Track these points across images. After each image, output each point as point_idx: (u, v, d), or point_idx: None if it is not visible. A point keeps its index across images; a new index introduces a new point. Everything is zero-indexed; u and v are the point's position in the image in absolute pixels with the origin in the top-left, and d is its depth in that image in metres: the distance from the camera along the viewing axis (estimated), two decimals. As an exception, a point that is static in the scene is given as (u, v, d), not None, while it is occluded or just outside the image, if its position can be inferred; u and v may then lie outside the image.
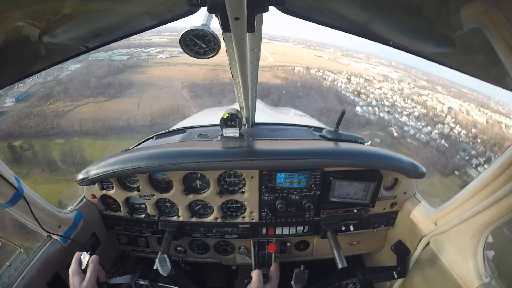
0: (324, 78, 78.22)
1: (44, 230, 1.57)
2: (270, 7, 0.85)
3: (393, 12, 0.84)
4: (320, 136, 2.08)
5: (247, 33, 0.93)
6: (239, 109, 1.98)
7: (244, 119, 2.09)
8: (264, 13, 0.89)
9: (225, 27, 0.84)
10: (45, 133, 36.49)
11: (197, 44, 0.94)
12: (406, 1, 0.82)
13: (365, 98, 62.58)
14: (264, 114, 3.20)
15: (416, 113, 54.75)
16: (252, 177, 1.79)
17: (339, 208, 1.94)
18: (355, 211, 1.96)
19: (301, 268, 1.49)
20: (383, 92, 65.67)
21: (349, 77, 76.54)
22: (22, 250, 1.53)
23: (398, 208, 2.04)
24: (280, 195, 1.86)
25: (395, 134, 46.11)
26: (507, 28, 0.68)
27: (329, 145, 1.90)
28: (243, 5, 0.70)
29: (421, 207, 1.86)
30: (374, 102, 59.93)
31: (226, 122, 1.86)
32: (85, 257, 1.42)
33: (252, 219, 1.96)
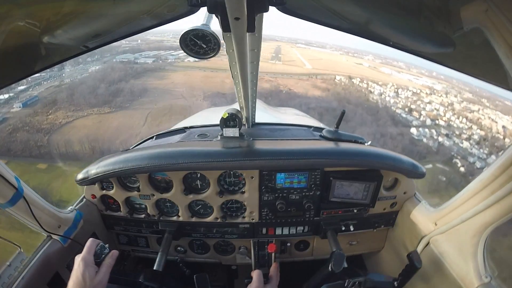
0: (370, 91, 69.80)
1: (44, 230, 1.57)
2: (270, 7, 0.85)
3: (393, 12, 0.84)
4: (320, 136, 2.07)
5: (247, 33, 0.93)
6: (239, 109, 1.98)
7: (244, 119, 2.08)
8: (264, 13, 0.89)
9: (225, 27, 0.84)
10: (30, 153, 31.72)
11: (197, 44, 0.94)
12: (406, 1, 0.82)
13: (417, 116, 55.68)
14: (264, 114, 3.19)
15: (476, 136, 47.77)
16: (252, 177, 1.79)
17: (339, 208, 1.94)
18: (355, 211, 1.96)
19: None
20: (435, 108, 58.67)
21: (396, 90, 68.68)
22: (22, 250, 1.52)
23: (398, 208, 2.04)
24: (280, 195, 1.86)
25: (462, 169, 39.06)
26: (507, 28, 0.68)
27: (329, 145, 1.90)
28: (243, 5, 0.70)
29: (421, 207, 1.86)
30: (428, 121, 53.21)
31: (226, 122, 1.86)
32: (103, 249, 1.28)
33: (252, 219, 1.96)
